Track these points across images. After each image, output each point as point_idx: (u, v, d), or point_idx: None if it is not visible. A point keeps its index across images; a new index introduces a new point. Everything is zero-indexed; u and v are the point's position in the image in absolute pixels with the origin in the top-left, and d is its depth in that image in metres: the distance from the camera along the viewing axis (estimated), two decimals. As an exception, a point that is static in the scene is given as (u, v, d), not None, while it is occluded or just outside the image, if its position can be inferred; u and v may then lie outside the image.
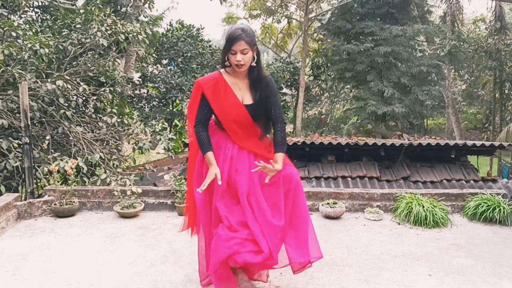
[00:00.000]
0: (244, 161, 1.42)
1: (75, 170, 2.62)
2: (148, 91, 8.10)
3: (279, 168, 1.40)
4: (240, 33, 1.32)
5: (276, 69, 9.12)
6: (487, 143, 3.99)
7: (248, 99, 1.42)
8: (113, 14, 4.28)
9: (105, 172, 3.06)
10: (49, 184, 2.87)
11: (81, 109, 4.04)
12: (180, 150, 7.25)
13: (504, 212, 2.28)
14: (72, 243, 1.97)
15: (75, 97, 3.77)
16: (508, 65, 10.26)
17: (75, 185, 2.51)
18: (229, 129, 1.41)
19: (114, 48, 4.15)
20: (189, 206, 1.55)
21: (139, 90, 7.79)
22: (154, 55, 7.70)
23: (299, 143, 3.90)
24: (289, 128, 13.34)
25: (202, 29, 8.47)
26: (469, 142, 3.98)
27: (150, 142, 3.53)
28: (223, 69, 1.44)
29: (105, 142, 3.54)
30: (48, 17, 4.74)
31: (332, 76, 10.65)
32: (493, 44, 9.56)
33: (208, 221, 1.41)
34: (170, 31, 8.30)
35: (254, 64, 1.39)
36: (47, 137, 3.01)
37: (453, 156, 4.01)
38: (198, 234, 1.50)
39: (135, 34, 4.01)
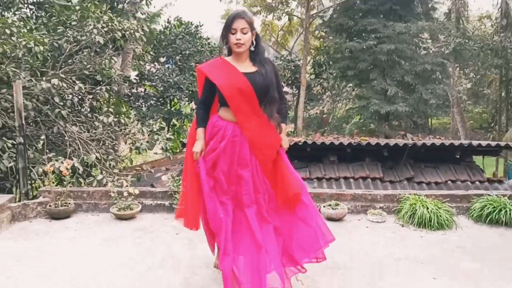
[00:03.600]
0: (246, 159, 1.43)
1: (70, 170, 2.58)
2: (145, 89, 8.05)
3: (284, 146, 1.51)
4: (240, 13, 1.39)
5: (276, 67, 9.02)
6: (493, 143, 3.96)
7: (250, 70, 1.44)
8: (110, 11, 4.22)
9: (101, 172, 3.03)
10: (44, 185, 2.82)
11: (76, 108, 4.00)
12: (178, 150, 7.20)
13: (510, 213, 2.23)
14: (67, 246, 1.93)
15: (70, 96, 3.73)
16: (514, 63, 10.09)
17: (70, 186, 2.48)
18: (233, 102, 1.39)
19: (110, 46, 4.08)
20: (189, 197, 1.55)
21: (136, 89, 7.75)
22: (151, 53, 7.62)
23: (300, 143, 3.85)
24: (290, 127, 13.28)
25: (200, 26, 8.38)
26: (475, 142, 3.94)
27: (147, 142, 3.48)
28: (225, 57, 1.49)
29: (101, 142, 3.49)
30: (43, 14, 4.69)
31: (334, 75, 10.55)
32: (499, 42, 9.43)
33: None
34: (168, 29, 8.22)
35: (253, 48, 1.43)
36: (42, 137, 2.96)
37: (458, 156, 3.97)
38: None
39: (132, 31, 3.95)
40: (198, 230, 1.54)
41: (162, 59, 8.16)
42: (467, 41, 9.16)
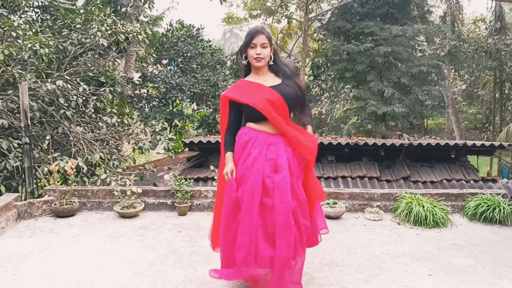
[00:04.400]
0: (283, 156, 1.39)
1: (75, 170, 2.62)
2: (148, 91, 8.09)
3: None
4: (260, 28, 1.42)
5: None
6: (487, 143, 4.01)
7: (276, 83, 1.46)
8: (113, 14, 4.26)
9: (105, 172, 3.06)
10: (49, 184, 2.88)
11: (81, 109, 4.06)
12: (180, 150, 7.26)
13: (504, 212, 2.29)
14: (72, 243, 1.97)
15: (75, 97, 3.77)
16: (508, 65, 10.28)
17: (75, 185, 2.53)
18: (268, 114, 1.37)
19: (114, 48, 4.14)
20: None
21: (139, 90, 7.78)
22: (154, 55, 7.69)
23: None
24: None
25: (202, 29, 8.48)
26: (469, 142, 3.99)
27: (150, 142, 3.53)
28: (244, 78, 1.50)
29: (105, 142, 3.53)
30: (48, 17, 4.73)
31: (332, 76, 10.65)
32: (493, 44, 9.58)
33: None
34: (170, 31, 8.31)
35: (272, 62, 1.45)
36: (47, 137, 2.99)
37: (453, 156, 4.02)
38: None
39: (135, 34, 4.00)
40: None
41: (164, 61, 8.21)
42: (462, 43, 9.27)
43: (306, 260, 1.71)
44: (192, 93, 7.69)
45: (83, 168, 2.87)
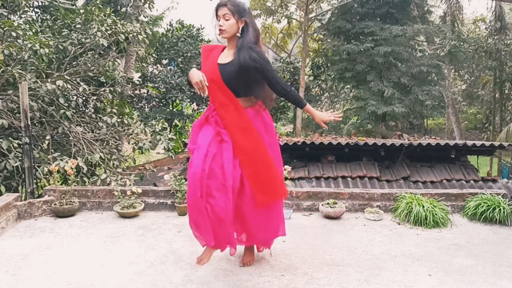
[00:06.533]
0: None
1: (75, 170, 2.62)
2: (148, 91, 8.10)
3: (325, 117, 1.55)
4: (224, 1, 1.41)
5: (276, 69, 9.16)
6: (487, 143, 4.01)
7: (226, 60, 1.44)
8: (113, 14, 4.27)
9: (105, 172, 3.06)
10: (49, 184, 2.88)
11: (81, 109, 4.06)
12: (180, 150, 7.27)
13: (504, 212, 2.29)
14: (72, 243, 1.97)
15: (75, 97, 3.77)
16: (508, 65, 10.29)
17: (75, 185, 2.52)
18: (209, 90, 1.42)
19: (114, 48, 4.13)
20: None
21: (139, 90, 7.78)
22: (154, 55, 7.69)
23: (299, 143, 3.91)
24: (289, 128, 13.34)
25: (202, 29, 8.50)
26: (469, 142, 3.99)
27: (150, 142, 3.53)
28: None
29: (105, 142, 3.54)
30: (48, 17, 4.74)
31: (332, 76, 10.65)
32: (493, 44, 9.60)
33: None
34: (170, 31, 8.32)
35: (239, 34, 1.41)
36: (47, 137, 2.99)
37: (453, 156, 4.02)
38: None
39: (135, 34, 4.01)
40: None
41: (164, 61, 8.22)
42: (462, 43, 9.29)
43: (306, 260, 1.74)
44: (192, 93, 7.70)
45: (83, 168, 2.87)
